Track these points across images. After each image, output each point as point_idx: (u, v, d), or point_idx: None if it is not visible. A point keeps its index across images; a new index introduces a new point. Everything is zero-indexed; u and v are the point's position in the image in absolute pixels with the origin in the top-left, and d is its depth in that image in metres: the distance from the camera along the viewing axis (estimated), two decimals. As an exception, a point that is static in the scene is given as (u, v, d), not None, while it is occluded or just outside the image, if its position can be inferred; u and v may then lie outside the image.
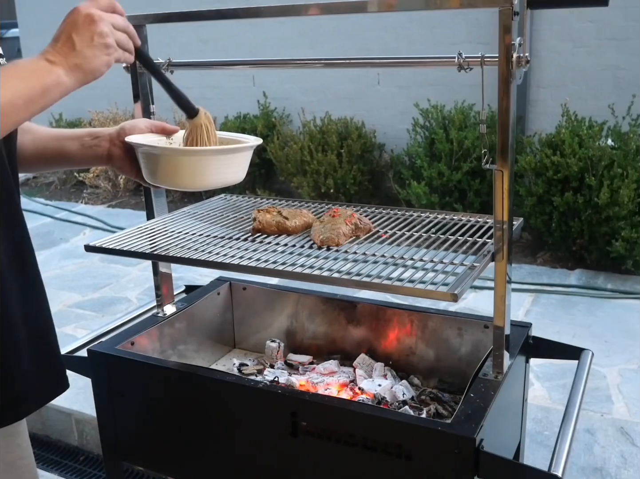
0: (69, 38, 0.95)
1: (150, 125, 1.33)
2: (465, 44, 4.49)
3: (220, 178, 1.23)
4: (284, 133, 5.04)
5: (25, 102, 0.89)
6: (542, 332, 1.58)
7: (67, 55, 0.95)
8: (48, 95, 0.93)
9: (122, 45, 1.02)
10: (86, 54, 0.96)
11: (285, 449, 1.29)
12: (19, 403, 1.07)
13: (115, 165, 1.31)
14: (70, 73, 0.95)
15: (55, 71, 0.93)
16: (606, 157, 3.57)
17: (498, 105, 1.13)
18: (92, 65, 0.97)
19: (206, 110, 1.29)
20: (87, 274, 4.05)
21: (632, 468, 2.11)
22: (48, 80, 0.92)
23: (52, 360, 1.15)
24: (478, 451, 1.11)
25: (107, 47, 0.98)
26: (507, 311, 1.26)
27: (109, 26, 0.99)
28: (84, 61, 0.96)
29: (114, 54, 1.00)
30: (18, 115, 0.90)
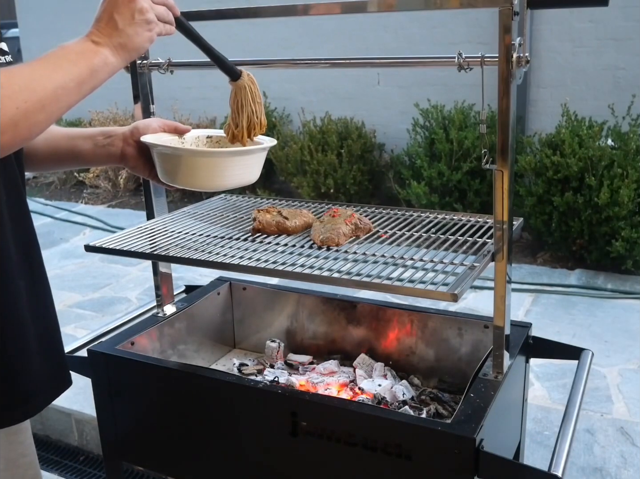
0: (110, 18, 0.97)
1: (162, 124, 1.34)
2: (465, 44, 4.49)
3: (236, 179, 1.24)
4: (284, 133, 5.04)
5: (76, 84, 0.91)
6: (542, 332, 1.58)
7: (111, 35, 0.96)
8: (97, 76, 0.94)
9: (162, 18, 1.03)
10: (129, 32, 0.97)
11: (285, 449, 1.29)
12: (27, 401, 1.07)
13: (128, 164, 1.31)
14: (116, 52, 0.96)
15: (102, 51, 0.95)
16: (606, 157, 3.57)
17: (498, 105, 1.13)
18: (135, 43, 0.98)
19: (249, 73, 1.29)
20: (87, 274, 4.05)
21: (632, 468, 2.11)
22: (95, 60, 0.94)
23: (57, 358, 1.16)
24: (478, 451, 1.11)
25: (148, 22, 0.99)
26: (507, 311, 1.26)
27: (147, 2, 1.00)
28: (127, 39, 0.97)
29: (155, 29, 1.01)
30: (70, 97, 0.91)
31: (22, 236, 1.07)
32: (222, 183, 1.24)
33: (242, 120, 1.29)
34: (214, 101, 5.59)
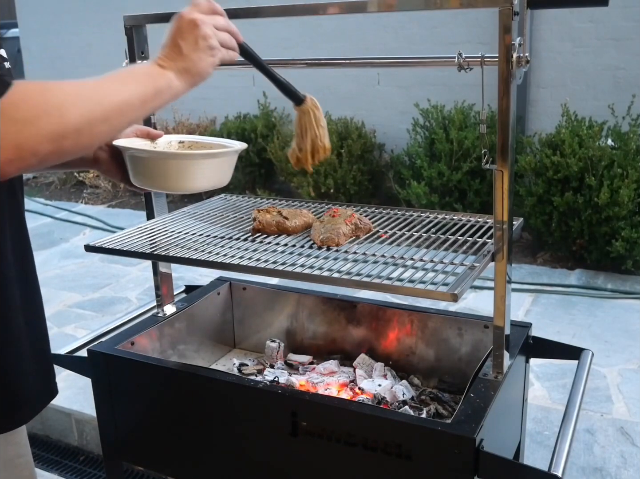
0: (175, 44, 1.01)
1: (135, 129, 1.35)
2: (465, 44, 4.49)
3: (207, 182, 1.24)
4: (284, 133, 5.04)
5: (140, 102, 0.95)
6: (542, 332, 1.58)
7: (176, 60, 1.00)
8: (160, 97, 0.98)
9: (225, 45, 1.07)
10: (192, 57, 1.01)
11: (285, 449, 1.29)
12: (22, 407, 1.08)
13: (101, 168, 1.31)
14: (180, 76, 1.00)
15: (167, 75, 0.99)
16: (606, 157, 3.56)
17: (498, 105, 1.13)
18: (198, 68, 1.02)
19: (312, 97, 1.33)
20: (87, 274, 4.05)
21: (632, 468, 2.11)
22: (161, 82, 0.98)
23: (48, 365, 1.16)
24: (478, 451, 1.11)
25: (211, 48, 1.03)
26: (507, 311, 1.26)
27: (211, 28, 1.03)
28: (191, 64, 1.01)
29: (218, 55, 1.05)
30: (133, 113, 0.94)
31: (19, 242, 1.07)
32: (193, 186, 1.24)
33: (307, 144, 1.31)
34: (214, 101, 5.59)
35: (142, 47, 1.49)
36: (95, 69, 4.09)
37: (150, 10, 1.51)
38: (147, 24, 1.47)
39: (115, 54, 2.46)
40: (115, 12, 5.22)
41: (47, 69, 6.78)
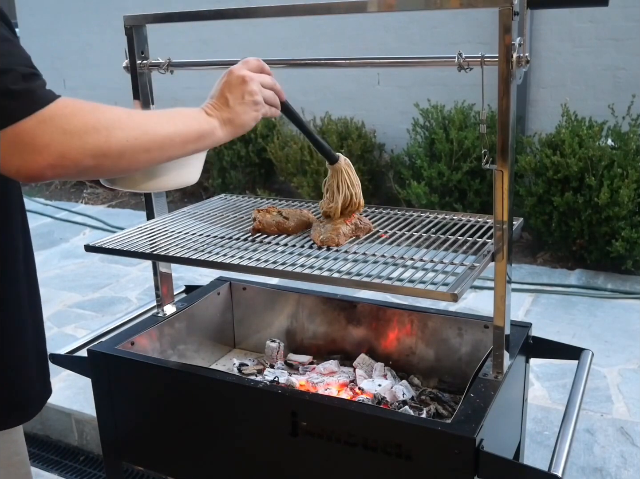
0: (223, 95, 1.08)
1: None
2: (465, 44, 4.49)
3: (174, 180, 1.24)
4: (284, 133, 5.04)
5: (181, 141, 0.99)
6: (542, 332, 1.58)
7: (222, 110, 1.07)
8: (202, 141, 1.03)
9: (269, 101, 1.14)
10: (237, 110, 1.08)
11: (285, 449, 1.29)
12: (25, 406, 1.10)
13: None
14: (223, 126, 1.06)
15: (212, 122, 1.05)
16: (606, 157, 3.56)
17: (498, 105, 1.13)
18: (241, 120, 1.08)
19: (346, 157, 1.41)
20: (87, 274, 4.05)
21: (632, 468, 2.11)
22: (206, 127, 1.04)
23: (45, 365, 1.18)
24: (478, 451, 1.11)
25: (255, 104, 1.10)
26: (507, 311, 1.26)
27: (257, 85, 1.11)
28: (235, 116, 1.07)
29: (261, 110, 1.12)
30: (173, 150, 0.99)
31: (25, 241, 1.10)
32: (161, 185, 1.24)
33: (339, 201, 1.39)
34: (214, 101, 5.58)
35: (142, 47, 1.49)
36: (96, 69, 4.14)
37: (150, 10, 1.51)
38: (147, 24, 1.47)
39: (115, 54, 2.46)
40: (115, 12, 5.22)
41: (47, 69, 6.77)
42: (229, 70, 1.12)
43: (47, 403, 1.17)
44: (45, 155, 0.81)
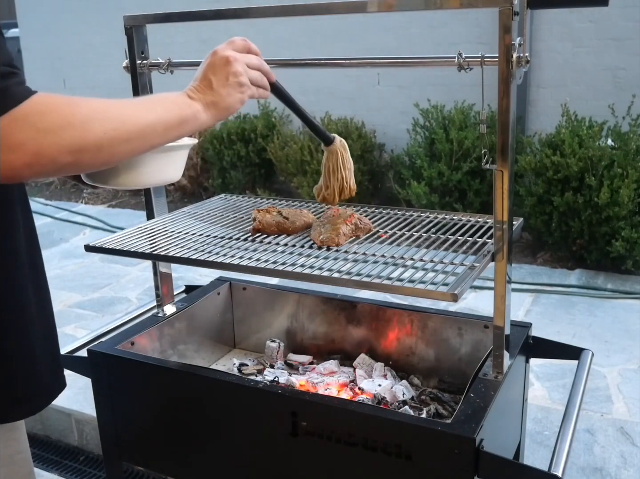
0: (206, 78, 1.05)
1: None
2: (465, 44, 4.49)
3: (157, 177, 1.23)
4: (284, 133, 5.04)
5: (163, 129, 0.97)
6: (542, 332, 1.58)
7: (205, 93, 1.03)
8: (185, 126, 1.00)
9: (255, 83, 1.10)
10: (221, 92, 1.04)
11: (285, 449, 1.29)
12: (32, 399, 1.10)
13: None
14: (207, 109, 1.03)
15: (195, 106, 1.02)
16: (606, 157, 3.56)
17: (498, 105, 1.13)
18: (226, 103, 1.05)
19: (341, 139, 1.39)
20: (87, 274, 4.05)
21: (632, 468, 2.11)
22: (187, 112, 1.00)
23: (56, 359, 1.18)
24: (478, 451, 1.11)
25: (240, 85, 1.06)
26: (507, 311, 1.26)
27: (242, 66, 1.07)
28: (219, 99, 1.04)
29: (247, 92, 1.08)
30: (155, 139, 0.97)
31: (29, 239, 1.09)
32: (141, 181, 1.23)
33: (334, 185, 1.39)
34: (214, 101, 5.58)
35: (142, 47, 1.49)
36: (96, 69, 4.13)
37: (150, 10, 1.51)
38: (147, 24, 1.47)
39: (115, 54, 2.46)
40: (115, 12, 5.22)
41: (47, 68, 6.78)
42: (213, 51, 1.08)
43: (46, 403, 1.17)
44: (20, 154, 0.80)
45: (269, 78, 1.15)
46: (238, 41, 1.11)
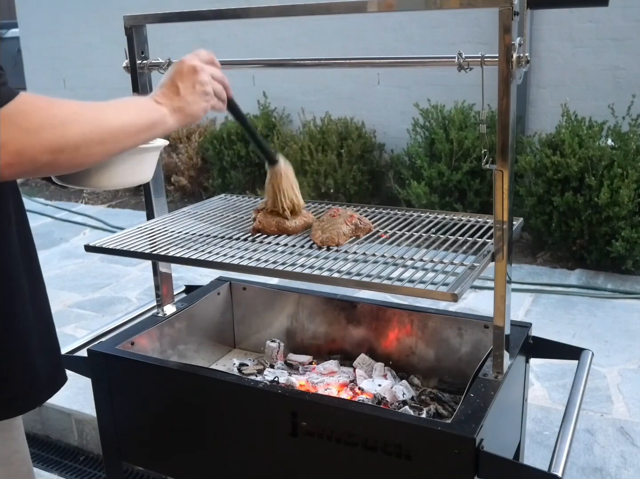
0: (174, 84, 1.09)
1: None
2: (465, 44, 4.49)
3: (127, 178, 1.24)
4: (284, 133, 5.04)
5: (135, 131, 0.99)
6: (542, 332, 1.58)
7: (172, 99, 1.07)
8: (153, 129, 1.03)
9: (217, 94, 1.15)
10: (188, 99, 1.09)
11: (285, 449, 1.29)
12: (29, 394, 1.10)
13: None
14: (174, 114, 1.07)
15: (162, 110, 1.05)
16: (606, 157, 3.56)
17: (498, 105, 1.13)
18: (192, 109, 1.09)
19: (286, 159, 1.46)
20: (87, 274, 4.05)
21: (632, 468, 2.11)
22: (156, 116, 1.04)
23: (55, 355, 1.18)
24: (478, 451, 1.11)
25: (205, 94, 1.11)
26: (507, 311, 1.26)
27: (208, 76, 1.12)
28: (185, 105, 1.08)
29: (210, 101, 1.13)
30: (126, 141, 0.99)
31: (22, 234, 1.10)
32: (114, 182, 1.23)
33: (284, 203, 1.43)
34: (214, 101, 5.58)
35: (142, 47, 1.50)
36: (96, 69, 4.13)
37: (150, 10, 1.51)
38: (147, 24, 1.47)
39: (115, 54, 2.46)
40: (115, 12, 5.22)
41: (47, 68, 6.78)
42: (181, 60, 1.13)
43: (46, 403, 1.17)
44: (2, 153, 0.81)
45: (227, 92, 1.19)
46: (204, 53, 1.16)
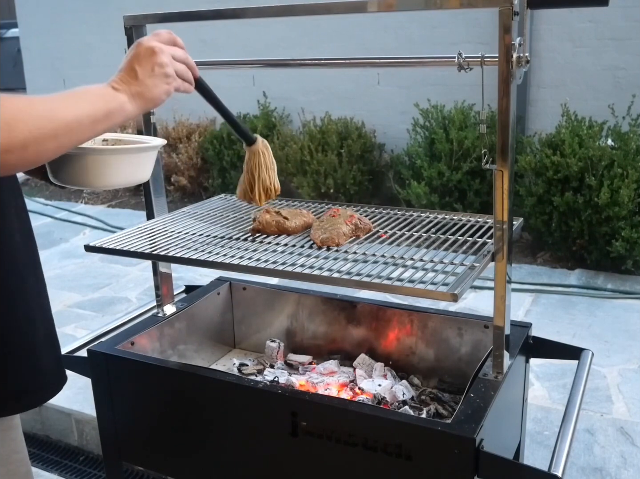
0: (132, 68, 1.04)
1: None
2: (465, 44, 4.49)
3: (125, 178, 1.23)
4: (284, 133, 5.04)
5: (90, 122, 0.96)
6: (542, 332, 1.58)
7: (130, 84, 1.03)
8: (112, 118, 1.00)
9: (181, 75, 1.11)
10: (147, 82, 1.04)
11: (285, 449, 1.29)
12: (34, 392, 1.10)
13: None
14: (133, 100, 1.02)
15: (119, 97, 1.01)
16: (606, 157, 3.56)
17: (498, 105, 1.13)
18: (152, 94, 1.05)
19: (263, 139, 1.42)
20: (87, 274, 4.05)
21: (632, 468, 2.11)
22: (113, 104, 1.00)
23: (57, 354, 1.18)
24: (478, 451, 1.11)
25: (166, 76, 1.06)
26: (507, 311, 1.26)
27: (168, 57, 1.07)
28: (145, 89, 1.04)
29: (172, 83, 1.08)
30: (83, 133, 0.96)
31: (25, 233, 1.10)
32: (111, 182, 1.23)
33: (259, 186, 1.41)
34: (214, 101, 5.58)
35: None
36: (96, 69, 4.15)
37: (150, 10, 1.51)
38: (147, 24, 1.47)
39: (115, 54, 2.46)
40: (115, 12, 5.22)
41: (47, 68, 6.78)
42: (137, 41, 1.08)
43: (47, 403, 1.17)
44: None
45: (193, 73, 1.15)
46: (164, 33, 1.11)
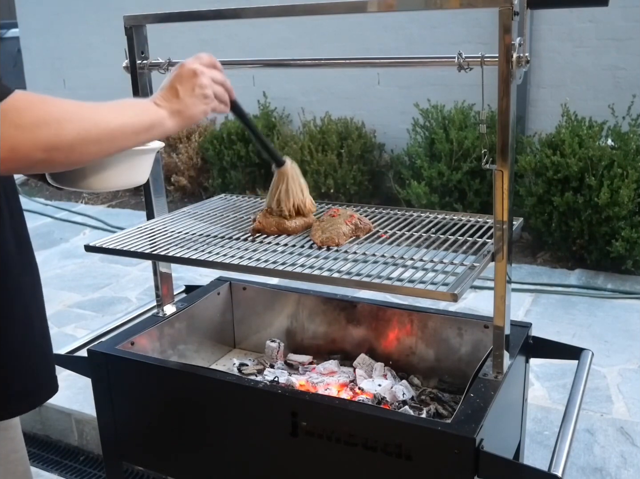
0: (173, 87, 1.10)
1: None
2: (465, 44, 4.49)
3: (122, 180, 1.24)
4: (284, 133, 5.04)
5: (132, 132, 1.00)
6: (542, 332, 1.58)
7: (171, 102, 1.08)
8: (152, 131, 1.04)
9: (218, 97, 1.16)
10: (187, 102, 1.09)
11: (285, 449, 1.29)
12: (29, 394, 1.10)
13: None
14: (172, 117, 1.07)
15: (161, 113, 1.06)
16: (606, 157, 3.56)
17: (498, 105, 1.13)
18: (191, 112, 1.10)
19: (292, 160, 1.44)
20: (87, 274, 4.05)
21: (632, 468, 2.11)
22: (154, 118, 1.04)
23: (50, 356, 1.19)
24: (478, 451, 1.11)
25: (205, 97, 1.12)
26: (507, 311, 1.26)
27: (208, 79, 1.13)
28: (184, 108, 1.09)
29: (210, 104, 1.13)
30: (124, 142, 0.99)
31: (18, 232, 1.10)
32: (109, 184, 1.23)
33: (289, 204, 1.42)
34: (214, 101, 5.57)
35: (142, 47, 1.50)
36: (96, 69, 4.14)
37: (150, 10, 1.51)
38: (147, 24, 1.47)
39: (115, 54, 2.46)
40: (115, 12, 5.22)
41: (47, 68, 6.78)
42: (180, 63, 1.14)
43: (46, 403, 1.17)
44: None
45: (230, 95, 1.20)
46: (205, 56, 1.17)
